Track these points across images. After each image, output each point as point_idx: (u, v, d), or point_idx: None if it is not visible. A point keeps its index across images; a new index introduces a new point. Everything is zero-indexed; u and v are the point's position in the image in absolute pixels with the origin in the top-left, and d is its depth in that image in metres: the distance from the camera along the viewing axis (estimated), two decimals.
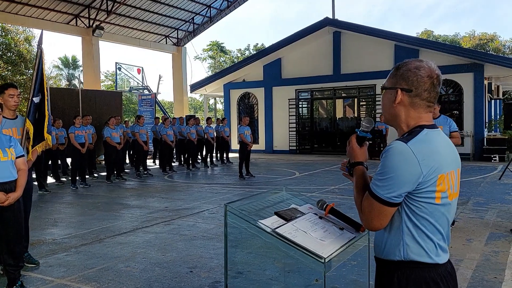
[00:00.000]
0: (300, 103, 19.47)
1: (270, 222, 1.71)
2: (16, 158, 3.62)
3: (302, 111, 19.56)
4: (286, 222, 1.75)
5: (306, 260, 1.57)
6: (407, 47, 16.30)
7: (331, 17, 18.53)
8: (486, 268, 4.27)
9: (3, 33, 23.56)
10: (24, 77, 23.53)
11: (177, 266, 4.46)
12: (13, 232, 3.60)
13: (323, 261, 1.54)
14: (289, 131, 19.33)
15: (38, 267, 4.50)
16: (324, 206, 1.98)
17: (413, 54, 16.21)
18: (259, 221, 1.69)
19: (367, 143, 1.82)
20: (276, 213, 1.81)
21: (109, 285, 3.98)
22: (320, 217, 1.88)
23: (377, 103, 17.19)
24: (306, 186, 9.80)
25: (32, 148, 4.52)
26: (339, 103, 19.40)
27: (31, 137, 4.54)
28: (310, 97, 19.29)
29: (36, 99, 4.57)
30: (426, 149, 1.48)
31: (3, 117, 4.24)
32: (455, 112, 16.19)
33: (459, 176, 1.64)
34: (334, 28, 17.89)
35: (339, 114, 19.43)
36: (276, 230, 1.65)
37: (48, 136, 4.59)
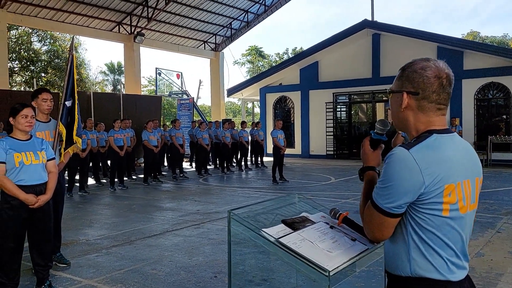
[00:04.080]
0: (338, 107, 19.17)
1: (276, 231, 1.64)
2: (47, 161, 3.72)
3: (340, 115, 19.24)
4: (292, 231, 1.67)
5: (309, 273, 1.49)
6: (450, 49, 15.71)
7: (370, 19, 18.16)
8: None
9: (52, 41, 24.70)
10: None
11: (202, 271, 4.45)
12: (42, 233, 3.70)
13: (327, 274, 1.45)
14: (326, 135, 19.05)
15: (69, 267, 4.62)
16: (337, 215, 1.89)
17: (456, 56, 15.62)
18: (263, 229, 1.63)
19: (382, 146, 1.71)
20: (283, 221, 1.73)
21: None
22: (331, 227, 1.79)
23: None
24: (341, 192, 9.59)
25: (64, 151, 4.65)
26: (380, 106, 18.92)
27: (64, 140, 4.68)
28: (348, 100, 18.95)
29: (68, 103, 4.71)
30: (430, 157, 1.36)
31: (37, 120, 4.38)
32: (504, 116, 15.44)
33: (478, 186, 1.49)
34: (373, 30, 17.52)
35: (379, 118, 18.95)
36: (280, 239, 1.57)
37: (77, 139, 4.70)
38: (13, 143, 3.50)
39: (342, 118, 19.24)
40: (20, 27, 22.48)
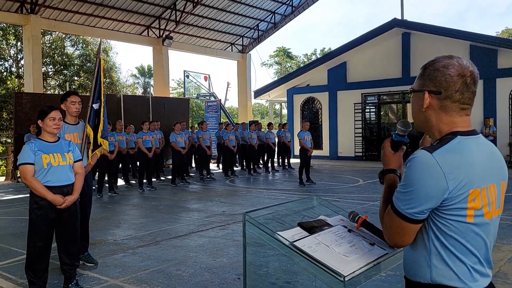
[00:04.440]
0: (367, 107, 18.88)
1: (291, 234, 1.61)
2: (74, 162, 3.80)
3: (369, 115, 18.94)
4: (308, 234, 1.63)
5: (325, 278, 1.45)
6: (483, 47, 15.23)
7: (399, 18, 17.81)
8: None
9: (84, 45, 25.37)
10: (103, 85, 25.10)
11: (225, 272, 4.45)
12: (69, 233, 3.78)
13: (342, 279, 1.41)
14: (355, 136, 18.80)
15: (96, 267, 4.70)
16: (356, 218, 1.84)
17: (490, 54, 15.14)
18: (278, 232, 1.60)
19: (404, 148, 1.65)
20: (300, 224, 1.70)
21: None
22: (349, 230, 1.74)
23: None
24: (369, 194, 9.43)
25: (92, 152, 4.75)
26: (410, 107, 18.50)
27: (92, 142, 4.78)
28: (377, 101, 18.64)
29: (95, 106, 4.80)
30: (455, 160, 1.29)
31: (65, 122, 4.50)
32: None
33: (504, 190, 1.42)
34: (403, 29, 17.18)
35: (410, 118, 18.47)
36: (295, 243, 1.54)
37: (102, 141, 4.79)
38: (41, 145, 3.60)
39: (371, 119, 18.94)
40: (54, 33, 23.21)
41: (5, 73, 22.95)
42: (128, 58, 77.70)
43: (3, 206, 8.97)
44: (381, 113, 18.94)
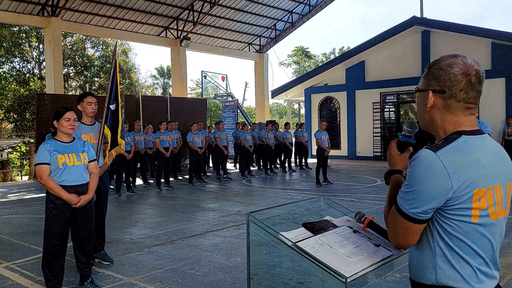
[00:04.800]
0: (386, 107, 18.66)
1: (294, 235, 1.60)
2: (89, 162, 3.86)
3: (388, 115, 18.72)
4: (312, 235, 1.62)
5: (326, 278, 1.44)
6: (506, 45, 14.86)
7: (419, 16, 17.56)
8: None
9: (104, 47, 25.77)
10: (122, 86, 25.48)
11: (239, 272, 4.46)
12: (84, 231, 3.85)
13: (344, 280, 1.40)
14: (373, 136, 18.59)
15: (112, 265, 4.77)
16: (363, 219, 1.82)
17: None
18: (281, 233, 1.59)
19: (410, 149, 1.64)
20: (304, 225, 1.69)
21: (172, 287, 4.09)
22: (355, 231, 1.72)
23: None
24: (386, 195, 9.29)
25: (108, 152, 4.82)
26: (416, 107, 18.24)
27: (109, 142, 4.85)
28: (396, 100, 18.40)
29: (112, 107, 4.87)
30: (459, 159, 1.28)
31: (82, 123, 4.58)
32: None
33: (510, 191, 1.38)
34: (423, 27, 16.91)
35: None
36: (298, 243, 1.53)
37: (121, 141, 4.85)
38: (57, 145, 3.67)
39: (391, 118, 18.71)
40: (75, 35, 23.63)
41: (28, 75, 23.48)
42: (147, 59, 78.70)
43: (25, 205, 9.19)
44: (401, 112, 18.69)
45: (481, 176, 1.29)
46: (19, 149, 22.91)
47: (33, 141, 20.05)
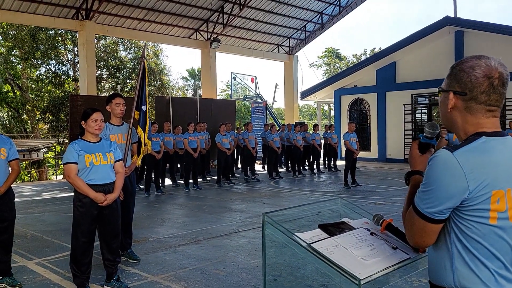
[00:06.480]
0: (418, 108, 18.25)
1: (310, 236, 1.58)
2: (115, 161, 3.94)
3: (420, 117, 18.29)
4: (328, 236, 1.60)
5: (340, 281, 1.41)
6: None
7: (452, 15, 17.10)
8: None
9: (136, 49, 26.33)
10: (152, 87, 25.98)
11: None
12: (110, 229, 3.93)
13: (357, 282, 1.37)
14: (404, 138, 18.21)
15: (138, 264, 4.85)
16: (381, 222, 1.78)
17: None
18: (297, 234, 1.58)
19: (432, 150, 1.62)
20: (320, 226, 1.67)
21: (196, 286, 4.12)
22: (372, 234, 1.68)
23: (507, 108, 15.31)
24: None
25: (138, 156, 4.91)
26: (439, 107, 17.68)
27: (143, 142, 4.96)
28: (428, 102, 17.97)
29: (144, 108, 4.97)
30: (477, 160, 1.25)
31: (110, 123, 4.68)
32: None
33: None
34: (456, 28, 16.46)
35: None
36: (312, 244, 1.51)
37: (148, 141, 4.94)
38: (84, 145, 3.76)
39: (422, 120, 18.28)
40: (108, 38, 24.24)
41: (63, 77, 24.25)
42: (178, 61, 79.87)
43: (58, 203, 9.48)
44: (433, 114, 18.23)
45: (500, 178, 1.26)
46: (54, 149, 23.67)
47: (67, 141, 20.67)
